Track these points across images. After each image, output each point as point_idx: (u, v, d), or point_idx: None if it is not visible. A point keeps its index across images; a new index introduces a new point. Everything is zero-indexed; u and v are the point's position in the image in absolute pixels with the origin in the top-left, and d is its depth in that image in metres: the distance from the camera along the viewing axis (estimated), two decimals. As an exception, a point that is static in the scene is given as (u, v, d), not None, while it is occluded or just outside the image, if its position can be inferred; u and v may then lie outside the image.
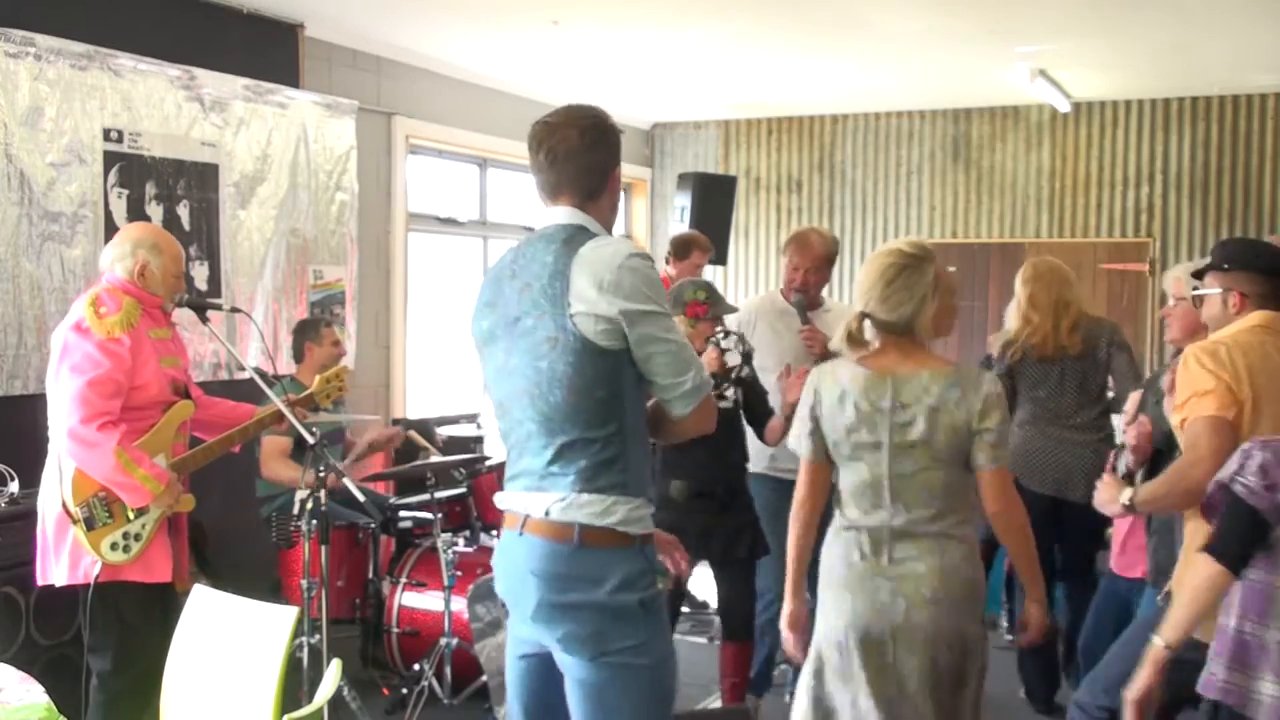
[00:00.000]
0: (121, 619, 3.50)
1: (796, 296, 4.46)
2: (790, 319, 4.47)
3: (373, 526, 4.95)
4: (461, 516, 5.32)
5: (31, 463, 3.72)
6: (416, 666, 4.61)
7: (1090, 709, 3.17)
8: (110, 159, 4.80)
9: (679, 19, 5.74)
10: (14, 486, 4.06)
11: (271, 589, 4.70)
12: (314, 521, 4.01)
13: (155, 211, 5.02)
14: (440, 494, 4.81)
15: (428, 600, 4.78)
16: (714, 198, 7.41)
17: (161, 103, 5.01)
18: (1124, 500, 3.02)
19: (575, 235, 2.42)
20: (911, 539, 2.76)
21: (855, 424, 2.78)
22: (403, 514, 5.14)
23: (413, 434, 5.94)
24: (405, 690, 4.52)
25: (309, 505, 4.07)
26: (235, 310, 4.17)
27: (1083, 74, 7.00)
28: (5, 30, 4.37)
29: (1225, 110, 7.55)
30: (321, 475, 4.00)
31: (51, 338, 3.59)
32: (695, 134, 9.02)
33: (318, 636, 4.03)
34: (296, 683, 3.96)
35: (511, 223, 7.74)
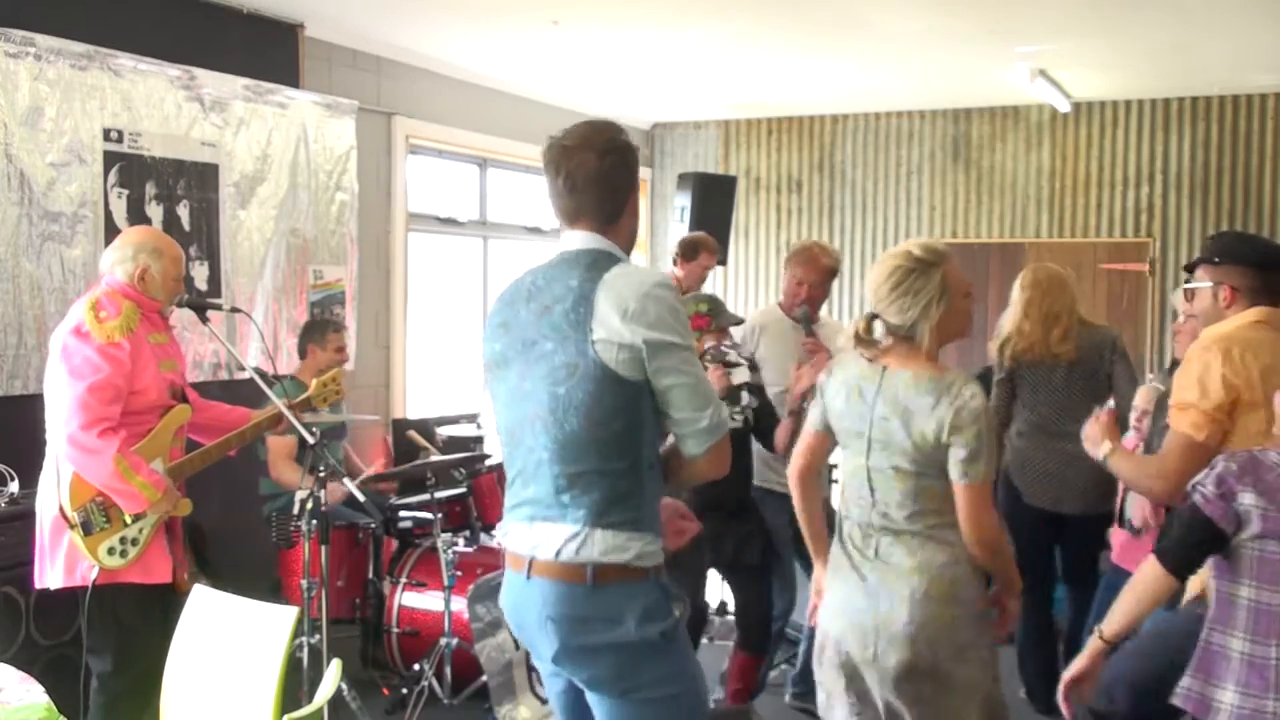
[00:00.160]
0: (120, 621, 3.49)
1: (801, 309, 4.48)
2: (793, 332, 4.50)
3: (373, 526, 4.95)
4: (461, 516, 5.32)
5: (31, 463, 3.72)
6: (416, 666, 4.61)
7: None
8: (110, 159, 4.80)
9: (679, 19, 5.74)
10: (14, 486, 4.06)
11: (271, 589, 4.70)
12: (314, 521, 4.01)
13: (155, 211, 5.01)
14: (440, 494, 4.82)
15: (428, 600, 4.78)
16: (714, 198, 7.40)
17: (161, 103, 5.01)
18: (1104, 451, 3.12)
19: (599, 260, 2.36)
20: (893, 535, 2.75)
21: (846, 409, 2.81)
22: (403, 514, 5.13)
23: (413, 434, 5.95)
24: (405, 690, 4.52)
25: (309, 505, 4.07)
26: (235, 310, 4.17)
27: (1083, 74, 7.00)
28: (5, 30, 4.36)
29: (1225, 110, 7.55)
30: (321, 475, 4.00)
31: (50, 340, 3.58)
32: (695, 134, 9.02)
33: (318, 636, 4.03)
34: (296, 683, 3.96)
35: (511, 223, 7.74)
